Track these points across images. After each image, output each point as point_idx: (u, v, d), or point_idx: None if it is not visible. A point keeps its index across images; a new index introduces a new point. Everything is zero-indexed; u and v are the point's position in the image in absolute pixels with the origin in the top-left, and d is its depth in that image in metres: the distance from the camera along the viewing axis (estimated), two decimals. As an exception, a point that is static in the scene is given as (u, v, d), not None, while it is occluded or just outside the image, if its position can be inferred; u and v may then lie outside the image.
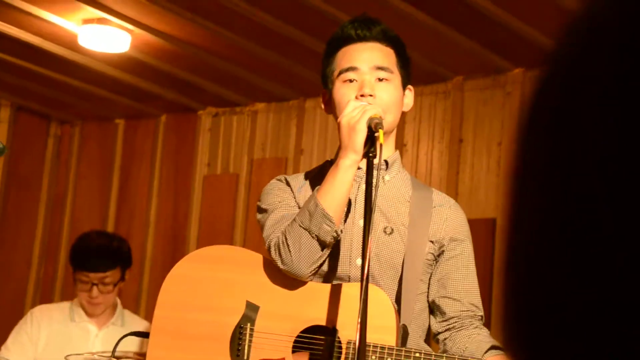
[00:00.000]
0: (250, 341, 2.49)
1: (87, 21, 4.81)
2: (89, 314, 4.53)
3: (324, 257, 2.47)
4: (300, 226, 2.43)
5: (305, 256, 2.43)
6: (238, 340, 2.50)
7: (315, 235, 2.42)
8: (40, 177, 6.11)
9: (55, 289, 6.01)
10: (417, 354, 2.38)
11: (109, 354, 3.84)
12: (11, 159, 5.98)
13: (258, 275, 2.54)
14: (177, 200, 5.89)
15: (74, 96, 5.89)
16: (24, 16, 4.80)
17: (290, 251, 2.43)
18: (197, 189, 5.86)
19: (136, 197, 6.01)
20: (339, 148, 2.51)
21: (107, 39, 4.93)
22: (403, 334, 2.49)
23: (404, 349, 2.40)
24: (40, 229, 6.09)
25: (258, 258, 2.58)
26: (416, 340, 2.53)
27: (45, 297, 5.92)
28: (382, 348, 2.37)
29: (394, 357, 2.37)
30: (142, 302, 5.73)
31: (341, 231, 2.48)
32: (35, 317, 4.59)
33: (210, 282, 2.57)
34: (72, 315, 4.56)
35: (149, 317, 5.32)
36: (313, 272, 2.47)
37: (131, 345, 4.51)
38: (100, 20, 4.78)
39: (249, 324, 2.50)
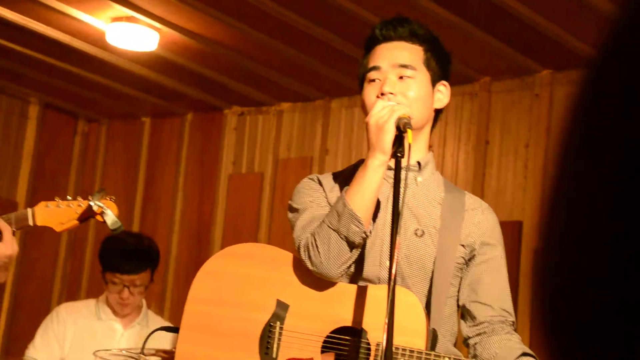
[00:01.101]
0: (279, 339, 2.49)
1: (115, 19, 4.83)
2: (117, 314, 4.54)
3: (353, 258, 2.45)
4: (329, 227, 2.41)
5: (334, 257, 2.42)
6: (267, 338, 2.50)
7: (344, 236, 2.40)
8: (67, 174, 6.15)
9: (81, 285, 6.02)
10: (447, 359, 2.36)
11: (138, 351, 3.84)
12: (39, 155, 6.02)
13: (288, 273, 2.53)
14: (202, 198, 5.89)
15: (101, 94, 5.92)
16: (53, 13, 4.81)
17: (319, 252, 2.42)
18: (222, 188, 5.86)
19: (161, 195, 6.03)
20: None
21: (135, 37, 4.94)
22: (432, 338, 2.47)
23: (432, 353, 2.37)
24: (65, 229, 6.11)
25: (288, 256, 2.57)
26: (445, 344, 2.50)
27: (71, 293, 5.95)
28: (411, 351, 2.35)
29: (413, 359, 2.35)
30: (167, 300, 5.75)
31: (370, 232, 2.46)
32: (61, 315, 4.60)
33: (241, 279, 2.57)
34: (98, 313, 4.56)
35: (173, 314, 5.35)
36: (342, 272, 2.45)
37: (157, 343, 4.51)
38: (129, 19, 4.80)
39: (278, 322, 2.49)
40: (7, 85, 5.86)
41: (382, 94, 2.47)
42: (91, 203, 2.72)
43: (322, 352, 2.45)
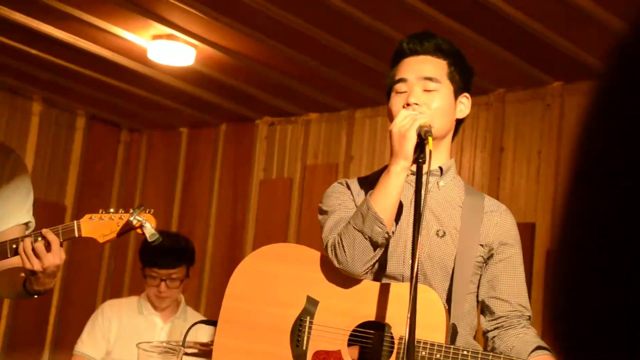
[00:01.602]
0: (309, 333, 2.50)
1: (156, 37, 4.85)
2: (156, 307, 4.59)
3: (377, 257, 2.45)
4: (354, 228, 2.42)
5: (359, 256, 2.42)
6: (298, 332, 2.51)
7: (368, 236, 2.40)
8: (112, 180, 6.20)
9: (124, 283, 6.07)
10: (465, 352, 2.35)
11: (178, 343, 3.84)
12: (86, 163, 6.08)
13: (317, 271, 2.54)
14: (236, 202, 5.90)
15: (142, 106, 5.94)
16: (99, 32, 4.83)
17: (345, 251, 2.43)
18: (253, 193, 5.87)
19: (198, 199, 6.04)
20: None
21: (173, 53, 4.96)
22: (452, 333, 2.46)
23: (452, 346, 2.37)
24: (110, 231, 6.15)
25: (316, 255, 2.58)
26: (465, 337, 2.49)
27: (115, 291, 5.99)
28: (432, 345, 2.34)
29: (442, 353, 2.34)
30: (203, 297, 5.76)
31: (393, 232, 2.46)
32: (105, 312, 4.64)
33: (274, 277, 2.58)
34: (140, 308, 4.60)
35: (209, 308, 5.36)
36: (367, 270, 2.45)
37: (195, 337, 4.50)
38: (168, 36, 4.82)
39: (308, 317, 2.51)
40: (57, 99, 5.89)
41: (408, 105, 2.47)
42: (131, 218, 2.76)
43: (349, 345, 2.45)
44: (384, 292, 2.45)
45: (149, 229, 2.75)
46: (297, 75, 5.18)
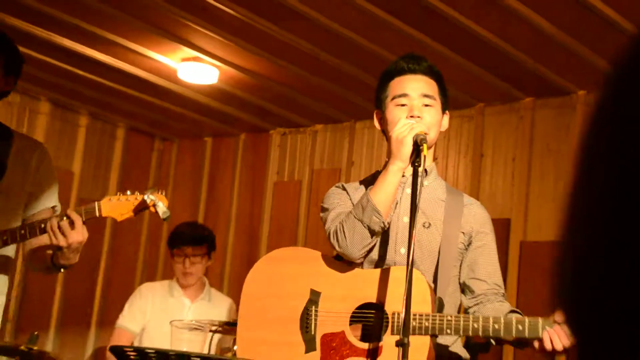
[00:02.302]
0: (315, 319, 2.50)
1: (184, 59, 4.87)
2: (183, 286, 4.60)
3: (373, 244, 2.47)
4: (355, 217, 2.43)
5: (357, 241, 2.43)
6: (306, 320, 2.51)
7: (367, 225, 2.41)
8: (146, 182, 6.17)
9: (158, 268, 6.08)
10: (449, 317, 2.38)
11: (204, 322, 3.87)
12: (124, 168, 6.07)
13: (318, 267, 2.55)
14: (253, 201, 5.91)
15: (172, 119, 5.96)
16: (136, 55, 4.87)
17: (345, 237, 2.43)
18: (268, 193, 5.87)
19: (220, 198, 6.05)
20: (387, 160, 2.52)
21: (199, 73, 4.98)
22: (439, 305, 2.49)
23: (438, 314, 2.39)
24: (145, 222, 6.15)
25: (317, 254, 2.60)
26: (449, 311, 2.52)
27: (150, 274, 6.01)
28: (420, 315, 2.36)
29: (430, 321, 2.36)
30: (225, 282, 5.77)
31: (388, 223, 2.48)
32: (142, 293, 4.67)
33: (281, 276, 2.59)
34: (171, 291, 4.63)
35: (230, 290, 5.40)
36: (363, 254, 2.47)
37: (218, 316, 4.55)
38: (195, 59, 4.84)
39: (313, 307, 2.51)
40: (101, 113, 5.92)
41: (412, 117, 2.50)
42: (145, 197, 2.71)
43: (350, 325, 2.47)
44: (376, 276, 2.46)
45: (161, 207, 2.69)
46: (306, 92, 5.21)
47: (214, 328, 3.92)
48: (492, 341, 2.45)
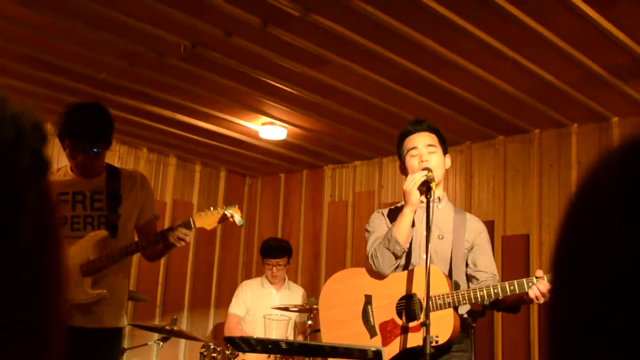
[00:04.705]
0: (372, 314, 2.46)
1: (264, 124, 4.87)
2: (271, 283, 4.55)
3: (398, 262, 2.43)
4: (384, 246, 2.40)
5: (386, 263, 2.40)
6: (365, 316, 2.47)
7: (392, 252, 2.39)
8: (241, 207, 6.19)
9: (252, 270, 6.03)
10: (462, 292, 2.31)
11: (289, 306, 3.78)
12: (227, 198, 6.06)
13: (366, 279, 2.51)
14: (314, 217, 5.84)
15: (257, 163, 5.94)
16: (231, 124, 4.86)
17: (379, 260, 2.41)
18: (325, 210, 5.80)
19: (292, 216, 5.98)
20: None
21: (274, 132, 4.96)
22: (455, 286, 2.43)
23: (454, 292, 2.33)
24: (242, 238, 6.14)
25: (363, 270, 2.54)
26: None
27: (247, 275, 5.96)
28: (441, 295, 2.31)
29: (450, 298, 2.30)
30: (299, 275, 5.70)
31: (407, 248, 2.41)
32: (244, 287, 4.64)
33: (343, 289, 2.54)
34: (263, 284, 4.59)
35: (302, 283, 5.31)
36: (392, 271, 2.43)
37: (296, 300, 4.47)
38: (271, 123, 4.83)
39: (369, 306, 2.47)
40: (209, 162, 5.92)
41: (422, 161, 2.46)
42: (225, 211, 2.61)
43: (397, 312, 2.42)
44: (406, 276, 2.42)
45: (237, 217, 2.59)
46: (346, 140, 5.14)
47: (295, 309, 3.86)
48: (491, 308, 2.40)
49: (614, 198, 0.39)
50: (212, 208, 2.69)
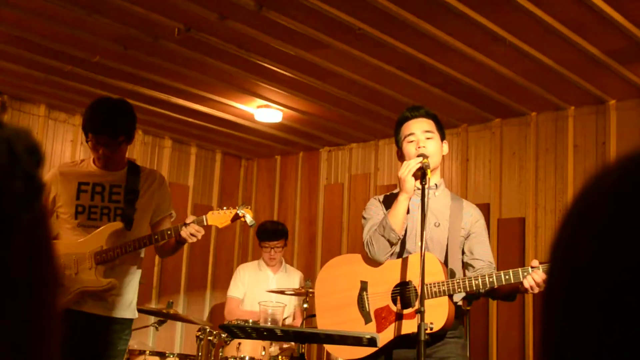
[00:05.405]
0: (367, 300, 2.45)
1: (260, 106, 4.84)
2: (269, 266, 4.56)
3: (393, 249, 2.42)
4: (379, 233, 2.39)
5: (382, 250, 2.40)
6: (361, 302, 2.46)
7: (387, 239, 2.38)
8: (237, 190, 6.17)
9: (249, 253, 6.02)
10: (458, 280, 2.31)
11: (284, 289, 3.79)
12: (222, 180, 6.05)
13: (361, 265, 2.50)
14: (310, 199, 5.82)
15: (253, 145, 5.90)
16: (227, 106, 4.83)
17: (374, 247, 2.41)
18: (321, 193, 5.78)
19: (288, 199, 5.97)
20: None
21: (269, 115, 4.94)
22: (451, 274, 2.42)
23: (450, 280, 2.32)
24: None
25: (358, 256, 2.53)
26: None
27: (244, 257, 5.95)
28: (436, 283, 2.31)
29: (445, 286, 2.30)
30: (295, 258, 5.70)
31: (401, 236, 2.41)
32: (240, 270, 4.66)
33: (339, 276, 2.54)
34: (260, 267, 4.60)
35: (297, 265, 5.33)
36: (387, 258, 2.42)
37: (292, 284, 4.49)
38: (266, 106, 4.81)
39: (364, 292, 2.46)
40: (205, 144, 5.89)
41: (419, 147, 2.44)
42: (238, 211, 2.71)
43: (392, 299, 2.42)
44: (402, 263, 2.41)
45: (249, 218, 2.70)
46: (342, 122, 5.12)
47: (291, 292, 3.87)
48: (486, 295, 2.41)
49: (614, 198, 0.40)
50: (225, 207, 2.78)
